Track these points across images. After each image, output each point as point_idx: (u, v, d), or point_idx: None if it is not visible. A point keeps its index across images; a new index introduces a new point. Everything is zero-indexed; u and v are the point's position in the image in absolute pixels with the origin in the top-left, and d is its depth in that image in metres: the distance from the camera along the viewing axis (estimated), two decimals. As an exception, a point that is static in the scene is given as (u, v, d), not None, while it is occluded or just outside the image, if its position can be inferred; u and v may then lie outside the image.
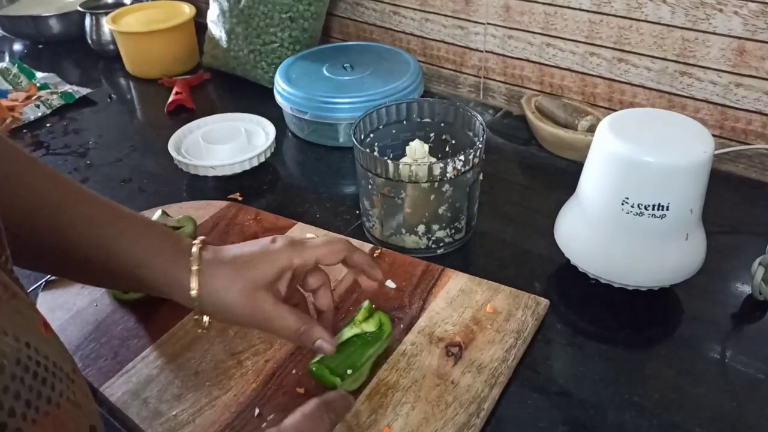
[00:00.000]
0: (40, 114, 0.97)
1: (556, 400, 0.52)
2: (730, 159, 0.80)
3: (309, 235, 0.52)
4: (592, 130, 0.79)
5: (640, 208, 0.54)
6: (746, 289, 0.61)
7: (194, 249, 0.48)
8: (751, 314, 0.60)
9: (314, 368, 0.51)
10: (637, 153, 0.53)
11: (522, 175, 0.82)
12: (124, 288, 0.51)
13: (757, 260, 0.60)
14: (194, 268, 0.47)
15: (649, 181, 0.53)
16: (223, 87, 1.06)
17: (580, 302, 0.61)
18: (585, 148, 0.60)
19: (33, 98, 0.99)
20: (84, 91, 1.02)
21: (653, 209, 0.54)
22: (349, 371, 0.51)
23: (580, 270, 0.61)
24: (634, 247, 0.56)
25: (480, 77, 0.97)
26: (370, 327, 0.55)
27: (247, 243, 0.51)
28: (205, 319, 0.49)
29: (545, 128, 0.81)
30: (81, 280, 0.54)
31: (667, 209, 0.54)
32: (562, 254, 0.62)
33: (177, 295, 0.49)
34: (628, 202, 0.54)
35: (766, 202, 0.74)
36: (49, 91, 1.02)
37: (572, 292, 0.63)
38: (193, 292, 0.47)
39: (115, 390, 0.52)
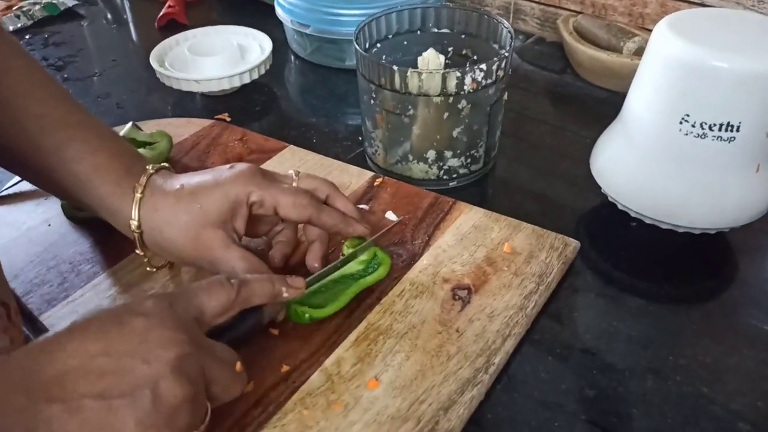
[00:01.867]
0: (20, 25, 0.88)
1: (581, 359, 0.43)
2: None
3: (290, 172, 0.44)
4: (639, 53, 0.67)
5: (703, 128, 0.43)
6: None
7: (143, 175, 0.41)
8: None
9: (293, 311, 0.42)
10: (704, 56, 0.42)
11: (553, 106, 0.71)
12: (67, 201, 0.44)
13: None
14: (137, 196, 0.40)
15: (717, 94, 0.42)
16: (223, 4, 0.95)
17: (618, 247, 0.51)
18: (630, 75, 0.49)
19: (14, 8, 0.90)
20: (70, 2, 0.93)
21: (720, 129, 0.43)
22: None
23: (619, 208, 0.51)
24: (690, 177, 0.46)
25: (510, -3, 0.85)
26: (364, 257, 0.46)
27: (202, 171, 0.43)
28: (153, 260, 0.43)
29: (584, 51, 0.70)
30: (23, 177, 0.47)
31: (737, 130, 0.43)
32: (598, 192, 0.52)
33: (120, 225, 0.42)
34: (689, 120, 0.43)
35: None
36: (32, 1, 0.92)
37: (608, 234, 0.53)
38: (133, 224, 0.41)
39: (56, 320, 0.44)
